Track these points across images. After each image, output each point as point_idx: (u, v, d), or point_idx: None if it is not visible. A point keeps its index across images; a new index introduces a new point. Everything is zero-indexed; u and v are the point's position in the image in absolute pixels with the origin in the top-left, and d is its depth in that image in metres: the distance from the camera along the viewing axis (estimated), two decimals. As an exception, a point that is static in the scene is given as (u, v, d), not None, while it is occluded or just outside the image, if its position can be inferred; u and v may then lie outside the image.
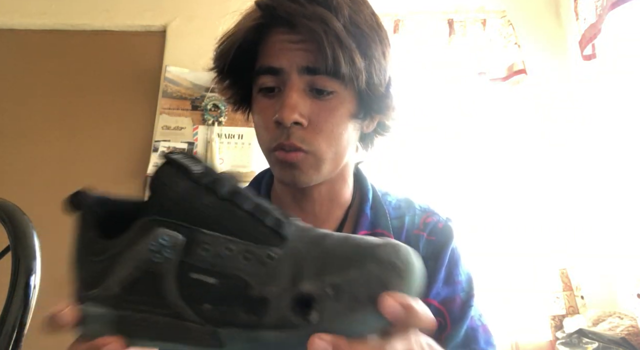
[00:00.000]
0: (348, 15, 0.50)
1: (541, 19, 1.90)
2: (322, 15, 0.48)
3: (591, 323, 1.47)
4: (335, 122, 0.52)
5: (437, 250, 0.61)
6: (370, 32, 0.52)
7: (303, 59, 0.50)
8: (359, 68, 0.49)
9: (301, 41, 0.50)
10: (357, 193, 0.64)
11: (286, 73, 0.50)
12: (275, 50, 0.51)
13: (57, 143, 1.90)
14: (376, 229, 0.60)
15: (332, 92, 0.51)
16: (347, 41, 0.48)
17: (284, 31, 0.51)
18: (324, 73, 0.49)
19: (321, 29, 0.47)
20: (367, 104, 0.55)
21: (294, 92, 0.50)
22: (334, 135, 0.52)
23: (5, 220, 0.65)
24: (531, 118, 1.79)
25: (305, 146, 0.50)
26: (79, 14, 2.02)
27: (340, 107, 0.52)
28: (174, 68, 1.90)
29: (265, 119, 0.52)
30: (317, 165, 0.52)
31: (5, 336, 0.59)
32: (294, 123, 0.49)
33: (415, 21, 1.82)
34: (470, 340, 0.57)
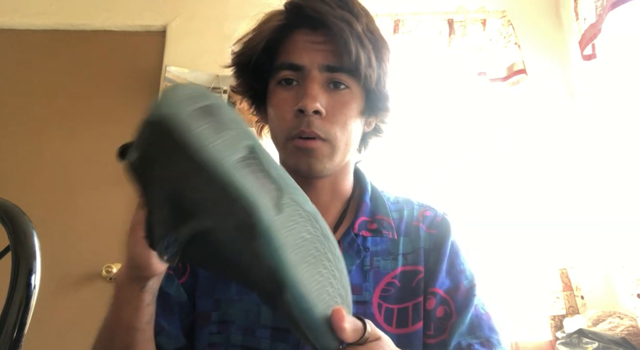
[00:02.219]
0: (365, 22, 0.57)
1: (541, 19, 1.90)
2: (347, 17, 0.55)
3: (591, 323, 1.47)
4: (349, 114, 0.58)
5: (438, 242, 0.64)
6: (381, 40, 0.60)
7: (324, 58, 0.56)
8: (374, 68, 0.56)
9: (323, 42, 0.56)
10: (357, 187, 0.69)
11: (307, 70, 0.56)
12: (297, 49, 0.57)
13: (57, 143, 1.90)
14: (376, 216, 0.64)
15: (347, 87, 0.57)
16: (366, 43, 0.56)
17: (306, 32, 0.57)
18: (343, 71, 0.56)
19: (347, 29, 0.54)
20: (373, 102, 0.61)
21: (315, 84, 0.56)
22: (347, 126, 0.58)
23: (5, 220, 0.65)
24: (531, 118, 1.79)
25: (323, 134, 0.56)
26: (79, 14, 2.02)
27: (352, 102, 0.58)
28: (174, 68, 1.90)
29: (285, 109, 0.57)
30: (331, 153, 0.57)
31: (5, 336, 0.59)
32: (314, 112, 0.55)
33: (415, 21, 1.82)
34: (475, 328, 0.59)
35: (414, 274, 0.61)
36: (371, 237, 0.62)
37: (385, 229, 0.63)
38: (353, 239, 0.61)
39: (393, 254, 0.62)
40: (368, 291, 0.59)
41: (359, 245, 0.61)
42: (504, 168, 1.76)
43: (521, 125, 1.79)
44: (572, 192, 1.70)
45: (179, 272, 0.62)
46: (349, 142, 0.59)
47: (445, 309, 0.60)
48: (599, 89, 1.65)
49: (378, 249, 0.62)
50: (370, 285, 0.59)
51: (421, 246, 0.63)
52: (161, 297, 0.60)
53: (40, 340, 1.65)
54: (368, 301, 0.58)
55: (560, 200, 1.70)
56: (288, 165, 0.61)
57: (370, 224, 0.63)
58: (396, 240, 0.63)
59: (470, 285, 0.62)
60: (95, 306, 1.90)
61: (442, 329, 0.59)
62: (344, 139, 0.58)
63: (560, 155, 1.75)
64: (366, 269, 0.60)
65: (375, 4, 1.90)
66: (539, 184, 1.72)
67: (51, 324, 1.58)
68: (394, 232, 0.63)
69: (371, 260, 0.61)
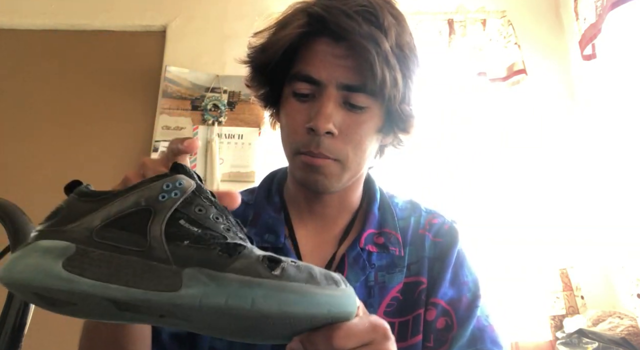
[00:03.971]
0: (395, 37, 0.51)
1: (541, 19, 1.89)
2: (375, 35, 0.49)
3: (591, 323, 1.47)
4: (364, 134, 0.54)
5: (443, 251, 0.61)
6: (411, 55, 0.54)
7: (344, 76, 0.51)
8: (399, 89, 0.51)
9: (345, 57, 0.51)
10: (366, 196, 0.65)
11: (324, 85, 0.52)
12: (317, 61, 0.52)
13: (57, 143, 1.90)
14: (384, 228, 0.61)
15: (365, 108, 0.53)
16: (393, 62, 0.50)
17: (328, 42, 0.52)
18: (362, 91, 0.51)
19: (373, 48, 0.49)
20: (393, 121, 0.56)
21: (330, 102, 0.51)
22: (361, 146, 0.54)
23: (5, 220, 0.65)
24: (531, 118, 1.79)
25: (333, 155, 0.52)
26: (79, 14, 2.02)
27: (369, 122, 0.54)
28: (174, 68, 1.90)
29: (297, 123, 0.54)
30: (341, 173, 0.54)
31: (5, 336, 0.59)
32: (326, 132, 0.51)
33: (415, 21, 1.82)
34: (477, 340, 0.57)
35: (416, 285, 0.59)
36: (377, 253, 0.59)
37: (392, 244, 0.60)
38: (359, 253, 0.58)
39: (399, 266, 0.59)
40: (372, 308, 0.57)
41: (365, 261, 0.58)
42: (504, 168, 1.76)
43: (521, 126, 1.79)
44: (572, 192, 1.70)
45: None
46: (362, 161, 0.56)
47: (447, 321, 0.58)
48: (599, 89, 1.65)
49: (383, 263, 0.59)
50: (376, 301, 0.57)
51: (425, 255, 0.61)
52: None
53: (40, 340, 1.65)
54: None
55: (560, 201, 1.70)
56: (295, 178, 0.59)
57: (377, 237, 0.60)
58: (402, 255, 0.60)
59: (474, 297, 0.60)
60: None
61: (442, 341, 0.57)
62: (357, 159, 0.55)
63: (561, 155, 1.75)
64: (371, 285, 0.58)
65: (375, 4, 1.90)
66: (539, 184, 1.72)
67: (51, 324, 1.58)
68: (400, 248, 0.60)
69: (376, 275, 0.58)
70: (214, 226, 0.33)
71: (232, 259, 0.31)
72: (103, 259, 0.31)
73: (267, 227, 0.60)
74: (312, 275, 0.31)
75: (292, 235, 0.61)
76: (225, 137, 1.84)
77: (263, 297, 0.29)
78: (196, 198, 0.34)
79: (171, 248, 0.31)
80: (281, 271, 0.30)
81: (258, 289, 0.29)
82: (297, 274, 0.31)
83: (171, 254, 0.31)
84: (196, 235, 0.32)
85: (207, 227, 0.33)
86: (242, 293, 0.29)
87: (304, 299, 0.30)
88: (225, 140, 1.83)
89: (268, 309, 0.29)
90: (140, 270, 0.31)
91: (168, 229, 0.32)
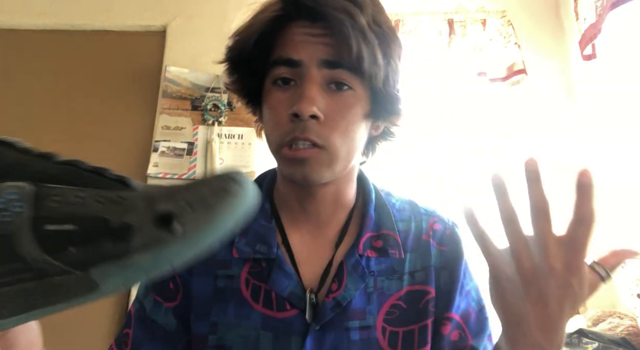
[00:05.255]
0: (371, 13, 0.50)
1: (541, 19, 1.89)
2: (349, 9, 0.48)
3: (591, 323, 1.47)
4: (351, 119, 0.51)
5: (450, 261, 0.60)
6: (390, 33, 0.52)
7: (323, 52, 0.49)
8: (379, 66, 0.49)
9: (322, 35, 0.49)
10: (360, 194, 0.63)
11: (305, 66, 0.50)
12: (294, 43, 0.50)
13: (56, 143, 1.90)
14: (381, 230, 0.59)
15: (350, 88, 0.51)
16: (371, 37, 0.48)
17: (304, 24, 0.51)
18: (344, 67, 0.49)
19: (348, 22, 0.47)
20: (380, 104, 0.54)
21: (313, 84, 0.49)
22: (349, 133, 0.51)
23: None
24: (531, 118, 1.79)
25: (320, 141, 0.49)
26: (79, 14, 2.02)
27: (356, 105, 0.51)
28: (174, 68, 1.90)
29: (279, 112, 0.51)
30: (329, 162, 0.51)
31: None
32: (311, 116, 0.48)
33: (415, 21, 1.82)
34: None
35: (422, 295, 0.57)
36: (375, 258, 0.57)
37: (391, 247, 0.58)
38: (358, 260, 0.56)
39: (398, 272, 0.57)
40: (372, 315, 0.55)
41: (364, 269, 0.56)
42: (503, 168, 1.76)
43: (521, 126, 1.79)
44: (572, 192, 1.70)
45: (169, 294, 0.58)
46: (352, 150, 0.53)
47: (460, 333, 0.57)
48: (599, 89, 1.65)
49: (382, 268, 0.57)
50: (374, 308, 0.55)
51: (431, 264, 0.59)
52: (147, 324, 0.57)
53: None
54: (372, 325, 0.55)
55: (560, 201, 1.69)
56: (283, 175, 0.57)
57: (375, 240, 0.58)
58: (402, 258, 0.58)
59: (480, 306, 0.60)
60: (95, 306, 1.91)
61: None
62: (345, 147, 0.51)
63: (560, 155, 1.75)
64: (369, 291, 0.56)
65: (375, 4, 1.90)
66: (539, 184, 1.72)
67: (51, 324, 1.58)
68: (400, 251, 0.58)
69: (375, 281, 0.56)
70: (82, 209, 0.29)
71: (128, 242, 0.29)
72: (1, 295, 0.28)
73: (258, 237, 0.57)
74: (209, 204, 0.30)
75: (285, 242, 0.58)
76: (225, 137, 1.84)
77: (178, 256, 0.29)
78: (42, 189, 0.29)
79: (60, 260, 0.28)
80: (181, 226, 0.29)
81: (169, 255, 0.29)
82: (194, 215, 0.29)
83: (65, 264, 0.28)
84: (75, 235, 0.29)
85: (77, 217, 0.29)
86: (158, 263, 0.29)
87: (214, 228, 0.30)
88: (225, 140, 1.83)
89: (188, 257, 0.30)
90: (48, 289, 0.28)
91: (44, 245, 0.28)
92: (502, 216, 0.42)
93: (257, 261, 0.56)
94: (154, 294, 0.59)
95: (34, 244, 0.28)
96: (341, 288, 0.54)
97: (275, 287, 0.54)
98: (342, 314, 0.54)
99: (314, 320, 0.53)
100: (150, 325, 0.57)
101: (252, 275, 0.56)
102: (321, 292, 0.55)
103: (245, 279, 0.56)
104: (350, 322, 0.54)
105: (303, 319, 0.53)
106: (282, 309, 0.54)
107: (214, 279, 0.57)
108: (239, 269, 0.57)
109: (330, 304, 0.53)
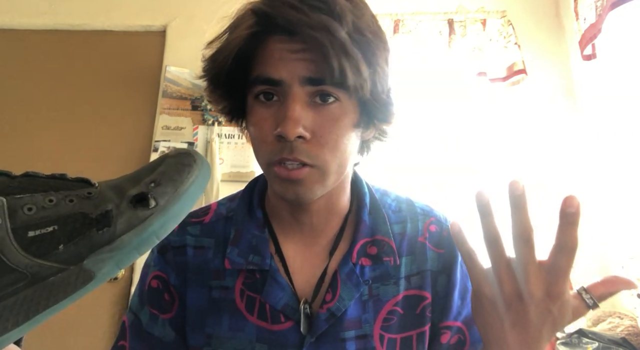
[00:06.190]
0: (352, 22, 0.46)
1: (541, 19, 1.90)
2: (326, 24, 0.44)
3: (591, 323, 1.47)
4: (340, 133, 0.48)
5: (447, 265, 0.58)
6: (374, 39, 0.48)
7: (305, 69, 0.46)
8: (365, 77, 0.46)
9: (302, 50, 0.46)
10: (355, 198, 0.61)
11: (287, 85, 0.47)
12: (273, 60, 0.47)
13: (57, 143, 1.90)
14: (376, 236, 0.57)
15: (336, 100, 0.48)
16: (352, 51, 0.45)
17: (282, 39, 0.47)
18: (328, 84, 0.46)
19: (327, 39, 0.44)
20: (370, 112, 0.52)
21: (296, 103, 0.46)
22: (338, 146, 0.48)
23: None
24: (531, 118, 1.79)
25: (310, 160, 0.47)
26: (79, 14, 2.02)
27: (343, 116, 0.49)
28: (174, 68, 1.90)
29: (264, 131, 0.48)
30: (322, 179, 0.49)
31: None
32: (298, 136, 0.46)
33: (415, 21, 1.82)
34: None
35: (419, 300, 0.56)
36: (370, 265, 0.56)
37: (386, 254, 0.56)
38: (352, 269, 0.55)
39: (394, 277, 0.56)
40: (368, 323, 0.54)
41: (358, 277, 0.54)
42: (503, 168, 1.76)
43: (521, 125, 1.79)
44: (572, 192, 1.70)
45: (165, 306, 0.57)
46: (343, 162, 0.50)
47: (460, 337, 0.56)
48: (599, 89, 1.65)
49: (377, 274, 0.56)
50: (370, 316, 0.54)
51: (428, 268, 0.57)
52: (144, 338, 0.56)
53: (40, 340, 1.65)
54: (369, 334, 0.53)
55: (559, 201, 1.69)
56: (274, 190, 0.55)
57: (369, 246, 0.56)
58: (398, 264, 0.57)
59: None
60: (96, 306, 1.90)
61: None
62: (337, 161, 0.49)
63: (560, 155, 1.75)
64: (364, 299, 0.54)
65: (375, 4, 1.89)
66: (539, 184, 1.72)
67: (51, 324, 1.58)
68: (395, 257, 0.56)
69: (369, 288, 0.55)
70: (58, 210, 0.31)
71: (113, 226, 0.31)
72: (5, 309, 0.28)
73: (250, 247, 0.56)
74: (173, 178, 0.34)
75: (279, 252, 0.57)
76: (225, 137, 1.84)
77: (160, 227, 0.32)
78: (12, 200, 0.30)
79: (53, 260, 0.29)
80: (154, 201, 0.32)
81: (152, 227, 0.32)
82: (165, 189, 0.33)
83: (58, 263, 0.29)
84: (60, 234, 0.30)
85: (56, 218, 0.30)
86: (144, 238, 0.32)
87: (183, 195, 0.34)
88: (225, 140, 1.84)
89: (169, 226, 0.33)
90: (47, 290, 0.29)
91: (30, 250, 0.29)
92: (485, 237, 0.42)
93: (251, 272, 0.55)
94: (149, 307, 0.58)
95: (21, 253, 0.29)
96: (335, 298, 0.53)
97: (269, 299, 0.53)
98: (337, 325, 0.53)
99: (308, 332, 0.52)
100: (148, 338, 0.57)
101: (246, 287, 0.55)
102: (315, 302, 0.54)
103: (240, 290, 0.55)
104: (346, 333, 0.53)
105: (298, 331, 0.52)
106: (276, 321, 0.53)
107: (209, 289, 0.56)
108: (233, 279, 0.56)
109: (325, 315, 0.52)
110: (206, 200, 1.72)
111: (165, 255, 0.59)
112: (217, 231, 0.59)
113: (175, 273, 0.58)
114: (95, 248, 0.30)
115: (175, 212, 0.33)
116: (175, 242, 0.59)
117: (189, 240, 0.59)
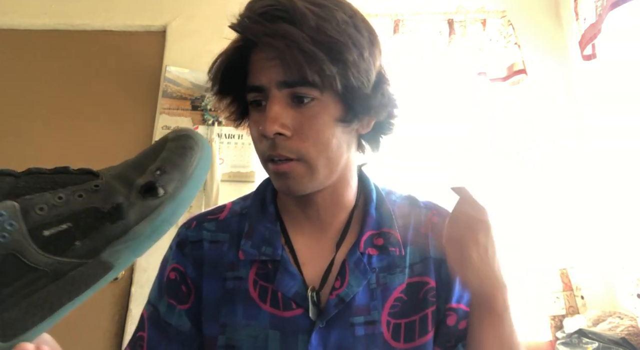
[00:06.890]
0: (315, 24, 0.49)
1: (541, 19, 1.90)
2: (283, 30, 0.48)
3: (591, 323, 1.47)
4: (320, 129, 0.52)
5: None
6: (342, 37, 0.50)
7: (279, 74, 0.51)
8: (331, 74, 0.49)
9: (273, 58, 0.51)
10: (361, 194, 0.65)
11: (267, 89, 0.52)
12: (256, 70, 0.53)
13: (57, 143, 1.90)
14: (382, 228, 0.61)
15: (313, 99, 0.52)
16: (312, 51, 0.48)
17: (261, 49, 0.53)
18: (299, 85, 0.51)
19: (283, 44, 0.48)
20: (353, 105, 0.54)
21: (274, 104, 0.51)
22: (321, 141, 0.52)
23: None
24: (531, 118, 1.79)
25: (293, 155, 0.52)
26: (79, 14, 2.02)
27: (322, 113, 0.52)
28: (174, 68, 1.90)
29: (255, 131, 0.55)
30: (310, 172, 0.53)
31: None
32: (277, 134, 0.51)
33: (415, 21, 1.82)
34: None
35: (421, 286, 0.59)
36: (377, 255, 0.59)
37: (392, 245, 0.60)
38: (359, 258, 0.58)
39: (400, 266, 0.59)
40: (376, 310, 0.57)
41: (366, 265, 0.58)
42: (503, 168, 1.76)
43: (521, 126, 1.79)
44: (572, 192, 1.70)
45: (182, 297, 0.60)
46: (331, 156, 0.54)
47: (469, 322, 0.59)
48: (599, 89, 1.65)
49: (384, 264, 0.59)
50: (379, 303, 0.57)
51: (430, 256, 0.61)
52: (162, 327, 0.60)
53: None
54: (377, 320, 0.57)
55: (560, 201, 1.70)
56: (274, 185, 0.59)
57: (376, 238, 0.60)
58: (403, 255, 0.60)
59: None
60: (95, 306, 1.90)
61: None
62: (323, 155, 0.53)
63: (560, 155, 1.75)
64: (373, 287, 0.58)
65: (375, 4, 1.90)
66: (539, 184, 1.72)
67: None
68: (400, 248, 0.60)
69: (377, 277, 0.58)
70: (69, 208, 0.31)
71: (126, 218, 0.32)
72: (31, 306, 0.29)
73: (263, 239, 0.60)
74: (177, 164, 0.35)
75: (289, 244, 0.61)
76: (225, 137, 1.84)
77: (171, 214, 0.34)
78: (26, 203, 0.30)
79: (71, 256, 0.30)
80: (162, 190, 0.34)
81: (164, 215, 0.33)
82: (171, 176, 0.34)
83: (76, 258, 0.31)
84: (75, 230, 0.31)
85: (69, 215, 0.31)
86: (157, 227, 0.33)
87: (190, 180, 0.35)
88: (225, 140, 1.84)
89: (180, 213, 0.34)
90: (69, 285, 0.30)
91: (49, 249, 0.30)
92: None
93: (263, 263, 0.59)
94: (168, 298, 0.61)
95: (40, 252, 0.30)
96: (344, 285, 0.56)
97: (281, 287, 0.57)
98: (346, 310, 0.56)
99: (318, 318, 0.56)
100: (165, 327, 0.60)
101: (259, 277, 0.59)
102: (324, 290, 0.57)
103: (253, 280, 0.59)
104: (355, 318, 0.56)
105: (308, 317, 0.56)
106: (288, 308, 0.56)
107: (223, 280, 0.60)
108: (246, 270, 0.59)
109: (334, 301, 0.56)
110: (206, 200, 1.72)
111: (183, 250, 0.62)
112: (232, 227, 0.63)
113: (192, 266, 0.61)
114: (110, 240, 0.32)
115: (183, 197, 0.34)
116: (192, 237, 0.63)
117: (206, 235, 0.62)
